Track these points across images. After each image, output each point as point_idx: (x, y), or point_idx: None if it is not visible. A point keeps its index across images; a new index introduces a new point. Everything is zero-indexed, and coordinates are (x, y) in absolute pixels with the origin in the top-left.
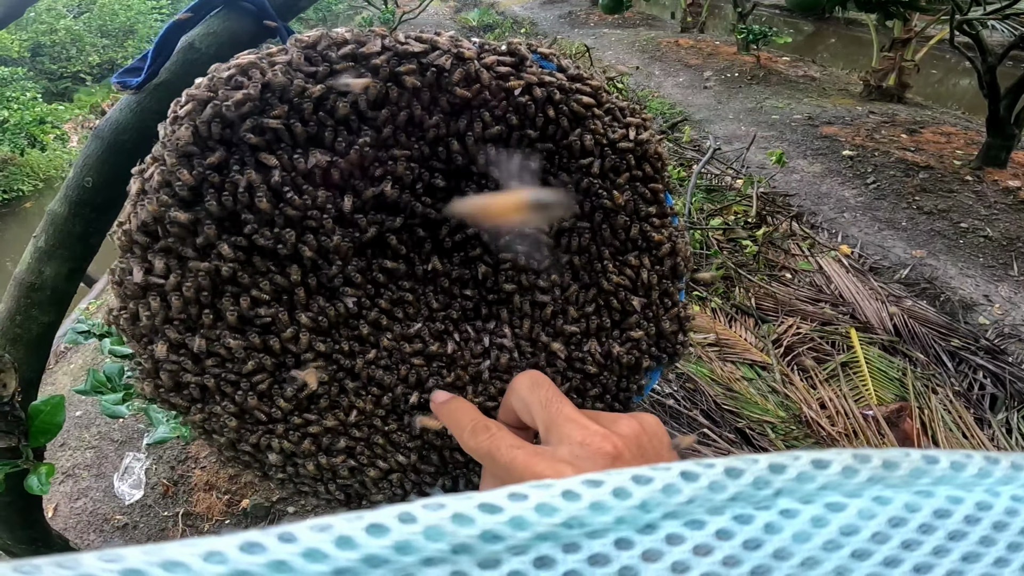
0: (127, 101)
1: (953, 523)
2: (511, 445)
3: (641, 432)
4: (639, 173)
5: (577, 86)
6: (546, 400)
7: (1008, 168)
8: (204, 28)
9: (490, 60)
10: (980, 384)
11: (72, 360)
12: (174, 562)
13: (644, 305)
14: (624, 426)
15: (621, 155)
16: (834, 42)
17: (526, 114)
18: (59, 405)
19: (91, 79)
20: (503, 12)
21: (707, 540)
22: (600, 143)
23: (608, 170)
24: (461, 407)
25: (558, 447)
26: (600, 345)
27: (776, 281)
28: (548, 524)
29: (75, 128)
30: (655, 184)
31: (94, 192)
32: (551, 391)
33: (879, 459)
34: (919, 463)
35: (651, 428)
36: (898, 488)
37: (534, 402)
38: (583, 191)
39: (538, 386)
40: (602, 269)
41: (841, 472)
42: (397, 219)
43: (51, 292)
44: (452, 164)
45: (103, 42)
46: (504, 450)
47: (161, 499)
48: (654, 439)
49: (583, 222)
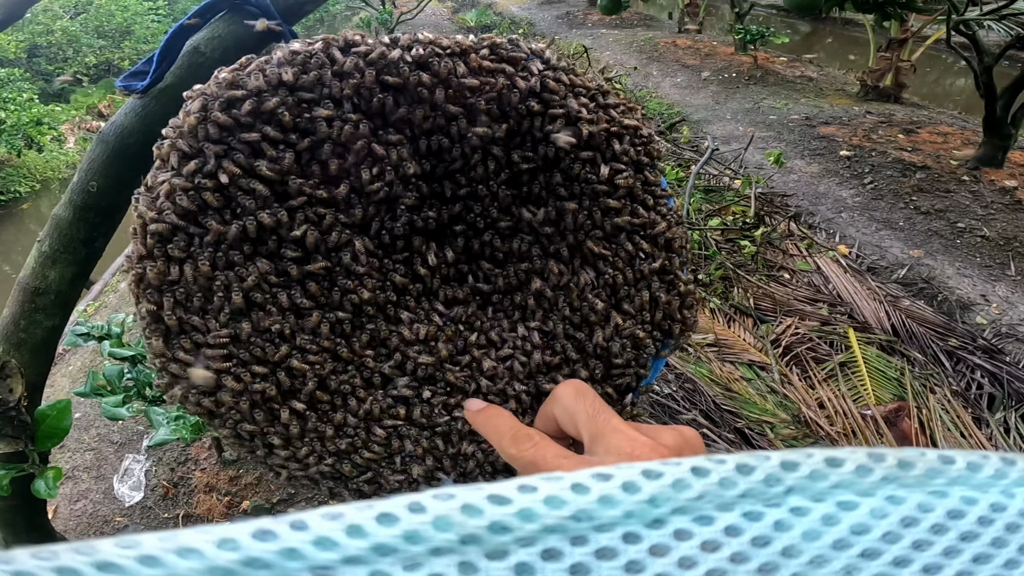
0: (132, 105)
1: (966, 524)
2: (556, 455)
3: (684, 444)
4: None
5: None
6: (593, 411)
7: (1005, 168)
8: (209, 32)
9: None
10: (978, 384)
11: (71, 362)
12: (188, 548)
13: (638, 278)
14: (668, 438)
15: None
16: (831, 42)
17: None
18: (66, 409)
19: (87, 80)
20: (501, 13)
21: (715, 536)
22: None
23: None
24: (499, 415)
25: (605, 457)
26: (603, 328)
27: (774, 281)
28: (556, 517)
29: (72, 129)
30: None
31: (99, 196)
32: (597, 402)
33: (894, 458)
34: (935, 463)
35: (692, 440)
36: (912, 488)
37: (580, 412)
38: (572, 178)
39: (583, 396)
40: (596, 252)
41: (854, 471)
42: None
43: (55, 296)
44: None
45: (100, 43)
46: (550, 460)
47: (161, 501)
48: (695, 452)
49: (571, 203)
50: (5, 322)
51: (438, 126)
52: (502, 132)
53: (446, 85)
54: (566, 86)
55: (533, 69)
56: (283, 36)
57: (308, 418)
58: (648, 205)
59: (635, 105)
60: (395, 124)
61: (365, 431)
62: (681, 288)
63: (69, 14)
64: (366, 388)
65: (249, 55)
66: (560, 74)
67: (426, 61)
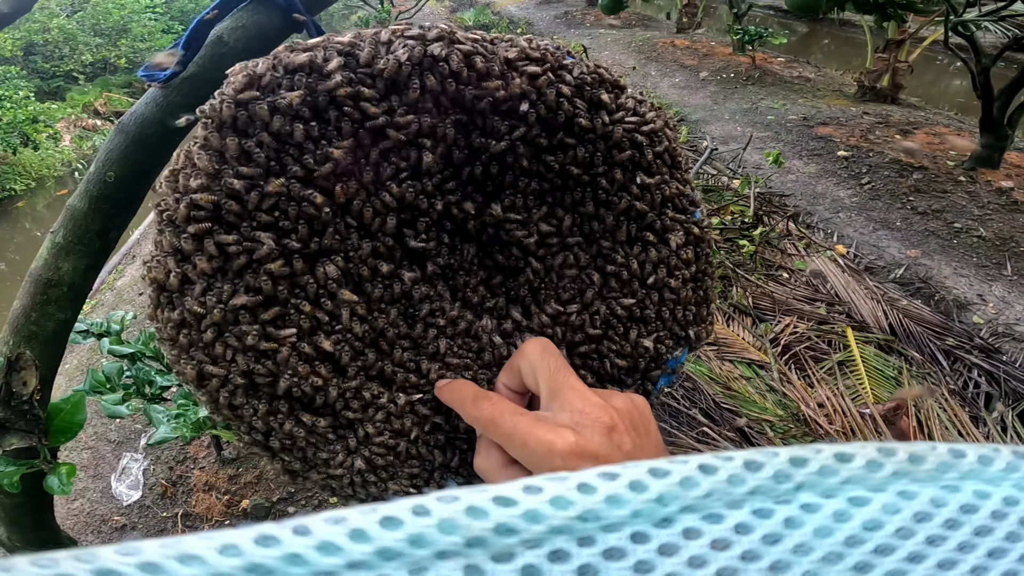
0: (152, 95)
1: (980, 518)
2: (513, 412)
3: (633, 408)
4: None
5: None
6: (555, 368)
7: (1001, 169)
8: (233, 22)
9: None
10: (975, 383)
11: (67, 360)
12: (190, 555)
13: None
14: (619, 401)
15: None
16: (828, 43)
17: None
18: (80, 403)
19: (84, 78)
20: (499, 12)
21: (725, 534)
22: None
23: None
24: (460, 383)
25: (559, 413)
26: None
27: (773, 281)
28: (563, 517)
29: (68, 127)
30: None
31: (116, 187)
32: (560, 360)
33: (904, 453)
34: (946, 457)
35: (641, 406)
36: (924, 482)
37: (542, 368)
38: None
39: (549, 354)
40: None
41: (865, 466)
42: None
43: (68, 288)
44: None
45: (96, 41)
46: (507, 416)
47: (160, 500)
48: (643, 416)
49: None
50: (16, 314)
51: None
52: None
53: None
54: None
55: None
56: (306, 27)
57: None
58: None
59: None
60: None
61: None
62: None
63: (66, 12)
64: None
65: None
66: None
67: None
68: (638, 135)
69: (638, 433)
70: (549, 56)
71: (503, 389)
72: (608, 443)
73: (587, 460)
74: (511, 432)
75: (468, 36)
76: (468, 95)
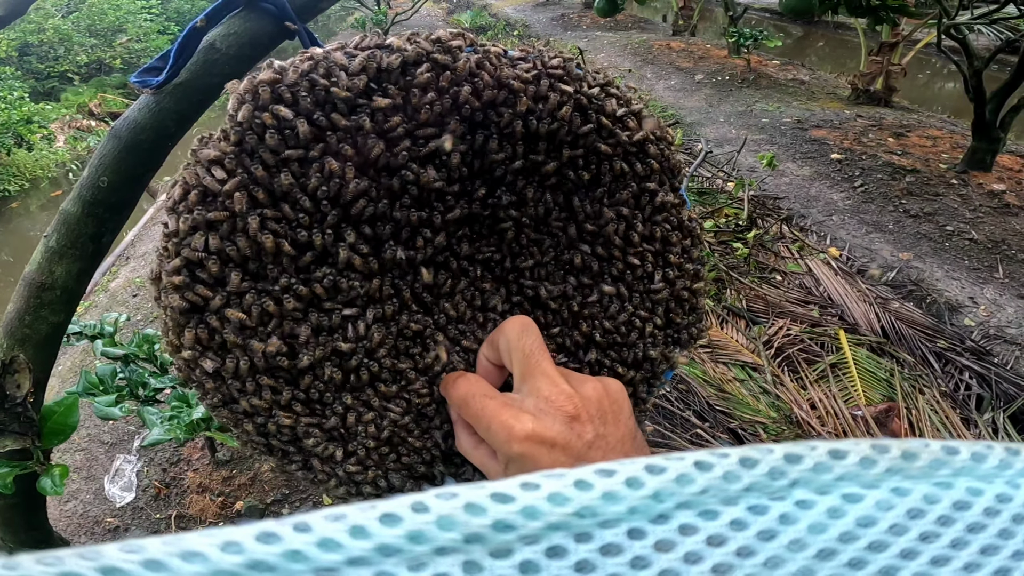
0: (145, 101)
1: (972, 515)
2: (484, 394)
3: (604, 396)
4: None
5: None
6: (530, 350)
7: (993, 171)
8: (225, 28)
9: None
10: (966, 385)
11: (60, 362)
12: (193, 552)
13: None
14: (589, 388)
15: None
16: (822, 45)
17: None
18: (73, 405)
19: (79, 79)
20: (496, 14)
21: (721, 530)
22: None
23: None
24: (450, 375)
25: (526, 398)
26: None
27: (766, 283)
28: (560, 513)
29: (62, 128)
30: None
31: (109, 191)
32: (537, 342)
33: (898, 449)
34: (939, 454)
35: (614, 393)
36: (917, 479)
37: (517, 349)
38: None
39: (526, 334)
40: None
41: (859, 462)
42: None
43: (61, 292)
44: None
45: (91, 41)
46: (478, 398)
47: (153, 501)
48: (615, 404)
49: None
50: (9, 317)
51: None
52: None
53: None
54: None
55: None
56: (298, 35)
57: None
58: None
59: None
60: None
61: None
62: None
63: (61, 12)
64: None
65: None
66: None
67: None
68: (646, 144)
69: (604, 422)
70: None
71: (484, 361)
72: (568, 431)
73: (544, 447)
74: (479, 414)
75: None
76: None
